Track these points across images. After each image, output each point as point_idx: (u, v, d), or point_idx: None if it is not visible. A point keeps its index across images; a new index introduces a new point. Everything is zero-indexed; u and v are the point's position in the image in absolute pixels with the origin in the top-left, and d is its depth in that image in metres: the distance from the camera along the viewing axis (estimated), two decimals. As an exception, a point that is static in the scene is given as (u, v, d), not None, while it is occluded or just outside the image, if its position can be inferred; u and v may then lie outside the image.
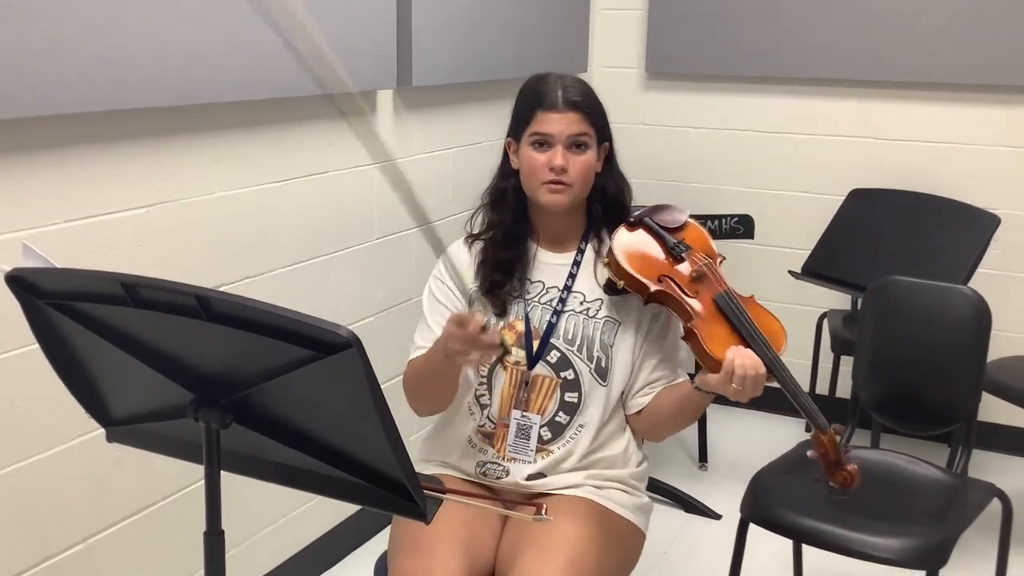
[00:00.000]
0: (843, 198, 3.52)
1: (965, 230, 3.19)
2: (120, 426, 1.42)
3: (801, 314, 3.78)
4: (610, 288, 1.88)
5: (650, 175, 3.88)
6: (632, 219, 1.91)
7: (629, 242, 1.87)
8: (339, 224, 2.68)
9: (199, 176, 2.23)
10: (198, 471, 1.30)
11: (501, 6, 3.21)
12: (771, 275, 3.77)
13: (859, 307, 3.08)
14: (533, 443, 1.87)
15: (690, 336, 1.77)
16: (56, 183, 1.91)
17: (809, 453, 1.88)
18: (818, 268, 3.37)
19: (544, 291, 1.91)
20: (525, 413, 1.86)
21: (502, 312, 1.89)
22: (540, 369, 1.87)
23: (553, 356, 1.87)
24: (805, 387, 3.62)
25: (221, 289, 2.26)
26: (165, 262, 2.15)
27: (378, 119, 2.80)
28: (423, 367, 1.86)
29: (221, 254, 2.31)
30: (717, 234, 3.02)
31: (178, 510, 2.26)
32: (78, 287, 1.28)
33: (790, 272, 3.40)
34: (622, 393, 1.91)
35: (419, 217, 1.68)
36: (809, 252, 3.44)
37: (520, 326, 1.89)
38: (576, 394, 1.86)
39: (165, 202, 2.15)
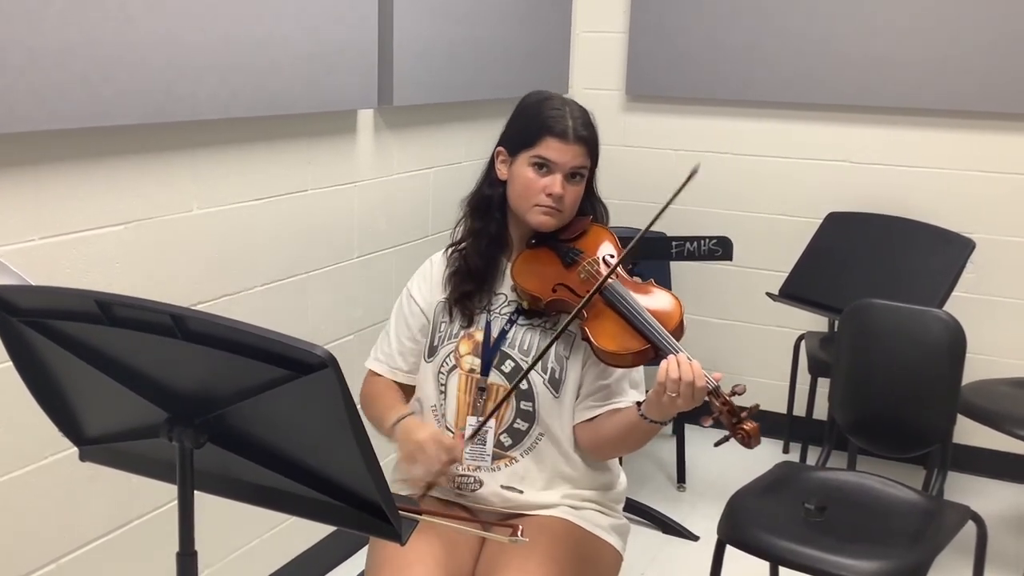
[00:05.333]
0: (820, 221, 3.55)
1: (940, 254, 3.23)
2: (93, 445, 1.41)
3: (779, 336, 3.81)
4: (533, 314, 1.90)
5: (629, 196, 3.89)
6: (532, 240, 1.94)
7: (526, 261, 1.91)
8: (318, 243, 2.68)
9: (178, 193, 2.22)
10: (172, 491, 1.28)
11: (482, 27, 3.23)
12: (749, 297, 3.80)
13: (836, 329, 3.10)
14: (489, 448, 1.87)
15: (585, 336, 1.79)
16: (32, 200, 1.90)
17: (703, 420, 1.69)
18: (795, 290, 3.39)
19: (506, 303, 1.93)
20: (480, 419, 1.86)
21: (469, 323, 1.91)
22: (495, 378, 1.87)
23: (507, 365, 1.87)
24: (783, 409, 3.66)
25: (199, 307, 2.27)
26: (142, 280, 2.14)
27: (358, 138, 2.80)
28: (373, 412, 1.92)
29: (199, 272, 2.30)
30: (696, 255, 3.02)
31: (151, 530, 2.24)
32: (53, 305, 1.27)
33: (768, 294, 3.42)
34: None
35: None
36: (787, 274, 3.46)
37: (479, 335, 1.91)
38: (531, 403, 1.87)
39: (143, 219, 2.14)
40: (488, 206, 1.94)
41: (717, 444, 1.73)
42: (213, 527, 2.28)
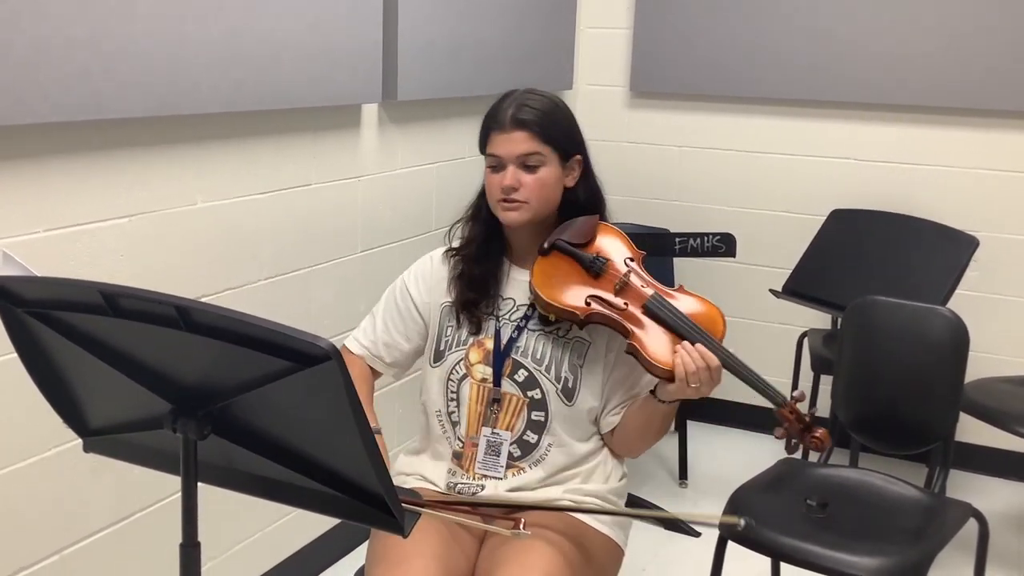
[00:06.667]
0: (824, 218, 3.55)
1: (944, 251, 3.22)
2: (97, 436, 1.41)
3: (782, 333, 3.80)
4: (546, 321, 1.86)
5: (633, 193, 3.90)
6: (545, 246, 1.85)
7: (547, 272, 1.83)
8: (322, 237, 2.68)
9: (182, 187, 2.22)
10: (175, 482, 1.29)
11: (487, 22, 3.23)
12: (752, 294, 3.80)
13: (839, 326, 3.10)
14: (503, 459, 1.86)
15: (633, 351, 1.75)
16: (37, 192, 1.90)
17: (776, 433, 1.80)
18: (799, 287, 3.39)
19: (515, 308, 1.90)
20: (495, 430, 1.86)
21: (476, 330, 1.89)
22: (508, 387, 1.86)
23: (520, 375, 1.85)
24: (785, 405, 3.66)
25: (202, 300, 2.27)
26: (146, 272, 2.14)
27: (362, 133, 2.80)
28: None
29: (203, 265, 2.30)
30: (699, 252, 3.02)
31: (155, 522, 2.24)
32: (57, 296, 1.27)
33: (771, 291, 3.42)
34: (593, 412, 1.89)
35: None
36: (790, 271, 3.46)
37: (489, 344, 1.88)
38: (543, 413, 1.85)
39: (147, 212, 2.14)
40: (479, 213, 1.93)
41: (790, 452, 1.78)
42: (216, 519, 2.28)
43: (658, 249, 3.24)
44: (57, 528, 2.05)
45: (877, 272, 3.28)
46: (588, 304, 1.79)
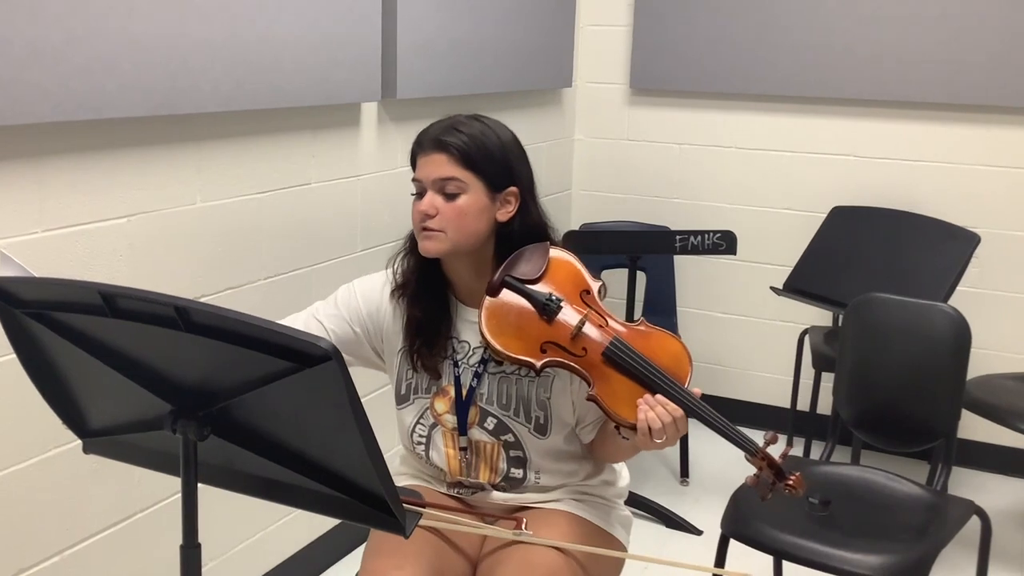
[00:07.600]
0: (825, 215, 3.55)
1: (945, 248, 3.22)
2: (97, 437, 1.41)
3: (783, 330, 3.80)
4: (489, 360, 1.76)
5: (633, 191, 3.90)
6: (494, 282, 1.69)
7: (497, 317, 1.67)
8: (322, 236, 2.68)
9: (181, 186, 2.22)
10: (175, 483, 1.28)
11: (486, 20, 3.22)
12: (753, 291, 3.80)
13: (840, 324, 3.09)
14: (491, 494, 1.85)
15: (594, 401, 1.64)
16: (35, 192, 1.90)
17: (748, 480, 1.69)
18: (800, 284, 3.39)
19: (471, 352, 1.80)
20: (474, 480, 1.84)
21: (436, 376, 1.80)
22: (480, 435, 1.80)
23: (490, 423, 1.79)
24: (786, 404, 3.67)
25: (202, 300, 2.26)
26: (146, 272, 2.14)
27: (362, 132, 2.80)
28: None
29: (202, 265, 2.30)
30: (700, 249, 3.02)
31: (155, 523, 2.24)
32: (56, 296, 1.27)
33: (772, 288, 3.41)
34: (570, 434, 1.84)
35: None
36: (791, 269, 3.45)
37: (452, 391, 1.80)
38: (520, 451, 1.82)
39: (147, 212, 2.14)
40: (415, 246, 1.79)
41: (764, 498, 1.69)
42: (217, 520, 2.28)
43: (659, 247, 3.26)
44: (57, 529, 2.04)
45: (878, 269, 3.28)
46: (543, 351, 1.66)
